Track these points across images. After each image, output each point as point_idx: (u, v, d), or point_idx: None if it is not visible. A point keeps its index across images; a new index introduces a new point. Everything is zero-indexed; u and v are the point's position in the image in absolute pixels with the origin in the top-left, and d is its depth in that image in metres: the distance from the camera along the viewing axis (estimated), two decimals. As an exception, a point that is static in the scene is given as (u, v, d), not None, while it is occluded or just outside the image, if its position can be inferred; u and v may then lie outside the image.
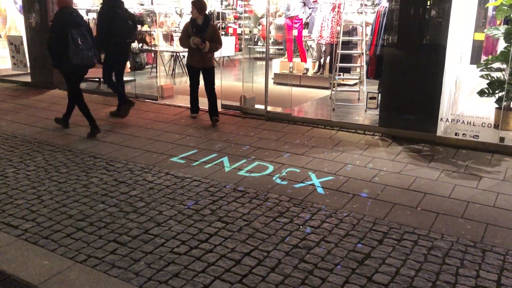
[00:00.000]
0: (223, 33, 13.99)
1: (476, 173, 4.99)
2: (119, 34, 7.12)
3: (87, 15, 11.69)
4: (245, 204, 4.17)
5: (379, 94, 6.96)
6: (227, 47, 13.04)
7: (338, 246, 3.46)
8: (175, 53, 11.57)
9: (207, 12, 6.98)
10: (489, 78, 6.07)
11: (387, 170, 5.09)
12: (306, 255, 3.33)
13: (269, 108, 7.45)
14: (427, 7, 6.03)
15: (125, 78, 10.13)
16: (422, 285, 2.98)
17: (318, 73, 10.12)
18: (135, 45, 11.54)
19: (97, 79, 9.90)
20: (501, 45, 6.38)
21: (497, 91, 6.05)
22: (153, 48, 11.59)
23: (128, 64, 10.95)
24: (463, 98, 6.85)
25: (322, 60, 10.06)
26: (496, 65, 6.07)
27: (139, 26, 11.42)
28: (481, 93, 6.19)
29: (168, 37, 12.35)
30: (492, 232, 3.70)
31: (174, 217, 3.91)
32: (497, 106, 6.10)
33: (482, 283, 3.01)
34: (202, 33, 6.74)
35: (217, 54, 12.89)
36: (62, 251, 3.38)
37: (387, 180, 4.80)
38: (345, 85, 9.58)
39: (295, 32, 9.83)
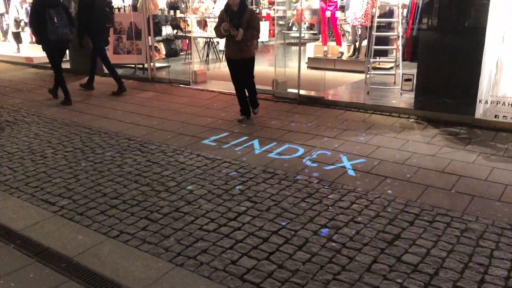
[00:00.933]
0: (257, 18, 13.90)
1: (516, 156, 4.80)
2: (98, 20, 7.89)
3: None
4: (274, 185, 4.17)
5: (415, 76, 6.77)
6: (261, 32, 12.99)
7: (367, 227, 3.41)
8: (208, 39, 11.63)
9: None
10: (533, 58, 5.78)
11: (422, 152, 4.96)
12: (334, 234, 3.31)
13: (301, 92, 7.38)
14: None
15: (159, 64, 10.36)
16: (453, 266, 2.90)
17: (353, 57, 9.93)
18: (170, 31, 11.67)
19: (133, 66, 10.10)
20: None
21: (541, 72, 5.75)
22: (187, 34, 11.68)
23: (163, 51, 11.09)
24: (505, 79, 6.55)
25: (357, 44, 9.87)
26: (541, 44, 5.76)
27: (172, 12, 11.56)
28: (525, 74, 5.90)
29: (202, 23, 12.41)
30: (530, 215, 3.56)
31: (204, 196, 3.96)
32: (541, 87, 5.81)
33: (517, 266, 2.91)
34: (237, 19, 5.94)
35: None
36: (96, 227, 3.49)
37: (421, 162, 4.69)
38: (381, 68, 9.37)
39: (327, 14, 9.66)
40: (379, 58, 9.27)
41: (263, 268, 2.92)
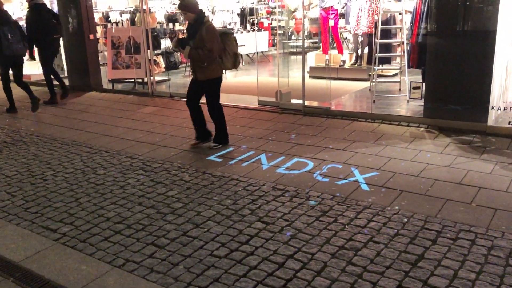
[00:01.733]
0: (256, 28, 13.79)
1: (535, 165, 4.61)
2: (46, 31, 8.22)
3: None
4: (286, 203, 3.98)
5: (423, 84, 6.60)
6: (261, 42, 12.85)
7: (388, 247, 3.21)
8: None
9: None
10: (545, 61, 5.62)
11: (436, 163, 4.78)
12: (353, 257, 3.11)
13: (306, 103, 7.21)
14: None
15: (159, 78, 10.23)
16: (485, 290, 2.71)
17: (356, 65, 9.78)
18: (168, 44, 11.54)
19: (133, 80, 9.94)
20: None
21: (554, 75, 5.59)
22: (186, 47, 11.53)
23: (162, 64, 10.95)
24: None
25: (359, 51, 9.72)
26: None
27: (170, 25, 11.44)
28: (536, 78, 5.74)
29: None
30: (559, 229, 3.36)
31: (212, 218, 3.77)
32: (554, 91, 5.65)
33: (554, 287, 2.71)
34: (192, 36, 5.31)
35: (251, 50, 12.78)
36: (100, 255, 3.30)
37: (436, 174, 4.49)
38: (384, 76, 9.21)
39: (331, 23, 9.51)
40: (382, 66, 9.11)
41: (281, 298, 2.72)
